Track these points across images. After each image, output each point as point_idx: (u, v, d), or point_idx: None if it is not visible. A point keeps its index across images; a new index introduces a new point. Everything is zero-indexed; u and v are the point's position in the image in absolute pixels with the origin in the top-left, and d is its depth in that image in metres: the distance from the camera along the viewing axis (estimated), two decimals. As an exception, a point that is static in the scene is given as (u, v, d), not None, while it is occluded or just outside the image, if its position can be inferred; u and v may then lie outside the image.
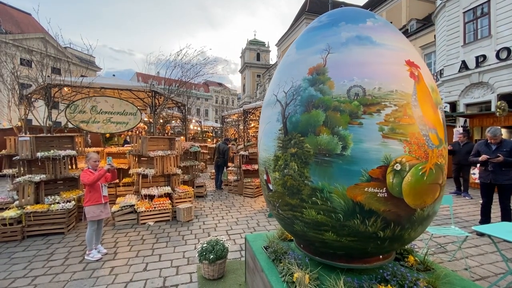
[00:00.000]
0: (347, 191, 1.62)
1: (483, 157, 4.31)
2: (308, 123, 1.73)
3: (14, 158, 4.97)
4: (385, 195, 1.59)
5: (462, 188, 7.46)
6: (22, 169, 4.78)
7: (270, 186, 2.08)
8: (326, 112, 1.67)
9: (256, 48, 54.07)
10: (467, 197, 7.13)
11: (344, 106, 1.63)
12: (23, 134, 5.35)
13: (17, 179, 4.59)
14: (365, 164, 1.57)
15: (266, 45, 55.43)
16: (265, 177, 2.14)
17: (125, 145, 8.55)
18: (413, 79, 1.68)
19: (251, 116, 11.61)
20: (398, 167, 1.57)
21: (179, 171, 6.16)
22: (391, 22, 2.45)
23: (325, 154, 1.66)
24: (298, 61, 1.97)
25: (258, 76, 52.10)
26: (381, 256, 1.98)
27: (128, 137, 10.89)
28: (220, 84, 59.67)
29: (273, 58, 53.97)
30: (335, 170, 1.63)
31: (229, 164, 9.47)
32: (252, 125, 13.96)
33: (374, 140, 1.57)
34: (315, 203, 1.74)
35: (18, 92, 5.90)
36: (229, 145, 10.65)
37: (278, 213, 2.09)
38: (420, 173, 1.60)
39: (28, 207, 4.47)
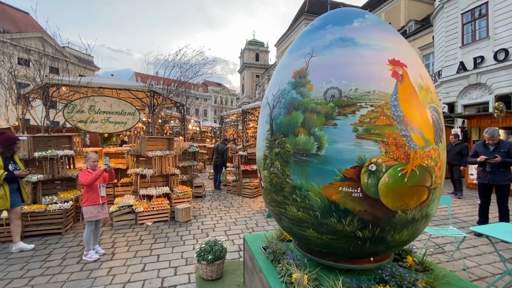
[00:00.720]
0: (322, 189, 1.67)
1: (481, 157, 4.33)
2: (289, 125, 1.82)
3: (11, 158, 4.93)
4: (360, 195, 1.60)
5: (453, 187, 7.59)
6: (19, 169, 4.75)
7: (262, 183, 2.19)
8: (304, 114, 1.74)
9: (255, 48, 54.09)
10: (458, 195, 7.26)
11: (320, 108, 1.69)
12: (21, 134, 5.32)
13: (15, 179, 4.55)
14: (339, 164, 1.61)
15: (265, 46, 55.47)
16: (259, 174, 2.27)
17: (123, 145, 8.50)
18: (396, 78, 1.67)
19: (250, 117, 11.62)
20: (373, 167, 1.57)
21: (177, 171, 6.15)
22: (390, 23, 2.43)
23: (303, 153, 1.73)
24: (287, 65, 2.04)
25: (257, 76, 52.11)
26: (378, 257, 1.98)
27: (126, 137, 10.87)
28: (219, 84, 59.65)
29: (272, 58, 54.04)
30: (311, 169, 1.69)
31: (228, 164, 9.46)
32: (251, 125, 13.96)
33: (348, 140, 1.60)
34: (295, 200, 1.81)
35: (15, 91, 5.87)
36: (228, 145, 10.65)
37: (270, 209, 2.22)
38: (400, 174, 1.58)
39: (26, 207, 4.44)
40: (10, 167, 3.95)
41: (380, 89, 1.63)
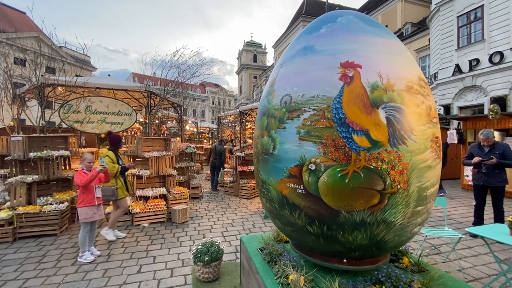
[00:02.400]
0: (277, 184, 1.92)
1: (476, 159, 4.37)
2: (260, 128, 2.11)
3: (6, 158, 4.88)
4: (303, 192, 1.75)
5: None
6: (14, 169, 4.71)
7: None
8: (268, 119, 2.01)
9: (253, 49, 54.16)
10: (441, 193, 7.43)
11: (276, 113, 1.92)
12: (16, 134, 5.27)
13: (9, 180, 4.51)
14: (286, 162, 1.82)
15: (263, 47, 55.56)
16: None
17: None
18: (344, 81, 1.70)
19: (248, 117, 11.61)
20: (312, 167, 1.69)
21: (174, 172, 6.12)
22: (387, 26, 2.44)
23: (265, 153, 2.01)
24: (271, 75, 2.26)
25: (255, 77, 52.15)
26: (374, 259, 1.98)
27: (123, 137, 10.78)
28: (216, 85, 59.58)
29: (269, 59, 54.15)
30: (270, 166, 1.97)
31: (225, 165, 9.44)
32: (248, 126, 13.95)
33: (293, 142, 1.78)
34: (263, 193, 2.12)
35: (11, 91, 5.82)
36: (226, 146, 10.67)
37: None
38: (339, 175, 1.63)
39: (20, 208, 4.39)
40: (120, 162, 4.55)
41: (324, 93, 1.71)
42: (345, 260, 1.92)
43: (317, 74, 1.78)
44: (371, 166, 1.59)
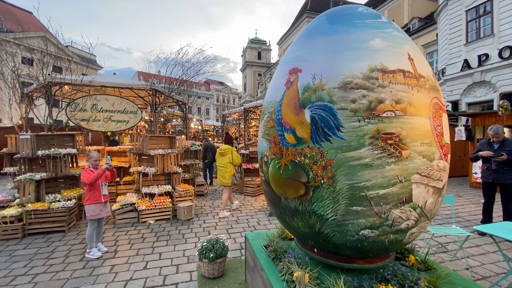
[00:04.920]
0: (259, 170, 2.47)
1: (487, 152, 4.27)
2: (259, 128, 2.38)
3: (15, 156, 4.97)
4: (264, 178, 2.20)
5: None
6: (23, 167, 4.79)
7: None
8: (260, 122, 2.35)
9: (257, 47, 53.90)
10: None
11: (262, 117, 2.25)
12: (24, 132, 5.35)
13: (18, 177, 4.59)
14: (259, 154, 2.26)
15: (267, 44, 55.25)
16: None
17: (111, 145, 8.28)
18: (286, 86, 1.93)
19: (252, 115, 11.58)
20: (265, 159, 2.11)
21: (179, 170, 6.15)
22: (393, 21, 2.40)
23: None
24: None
25: (259, 75, 51.95)
26: (379, 256, 1.96)
27: (116, 136, 10.76)
28: (221, 83, 59.63)
29: (274, 56, 53.83)
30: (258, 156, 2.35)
31: None
32: (253, 123, 13.94)
33: (260, 139, 2.23)
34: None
35: (19, 90, 5.90)
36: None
37: None
38: (277, 166, 1.95)
39: (29, 205, 4.48)
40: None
41: (275, 98, 2.02)
42: (315, 250, 2.07)
43: (276, 82, 2.09)
44: (296, 160, 1.79)
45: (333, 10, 2.02)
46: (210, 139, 13.69)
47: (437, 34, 15.25)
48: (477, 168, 8.13)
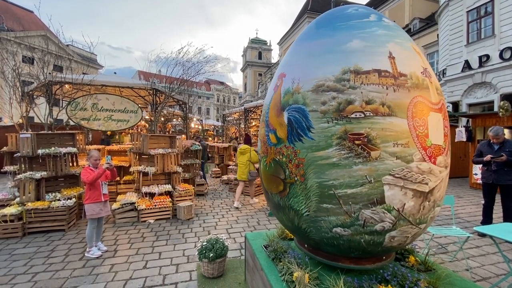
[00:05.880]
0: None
1: (487, 157, 4.28)
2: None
3: (15, 155, 4.97)
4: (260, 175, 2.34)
5: None
6: (23, 166, 4.79)
7: None
8: None
9: (258, 46, 53.88)
10: None
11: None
12: (25, 131, 5.36)
13: (18, 176, 4.59)
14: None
15: (268, 44, 55.23)
16: None
17: (102, 145, 8.23)
18: (274, 90, 2.07)
19: (252, 115, 11.59)
20: (260, 156, 2.29)
21: (179, 169, 6.15)
22: (394, 21, 2.42)
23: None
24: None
25: (260, 75, 51.93)
26: (378, 257, 1.96)
27: (104, 135, 10.70)
28: (221, 83, 59.62)
29: (274, 56, 53.81)
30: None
31: (230, 162, 9.47)
32: (253, 123, 13.94)
33: (258, 138, 2.37)
34: None
35: (19, 89, 5.90)
36: (230, 144, 10.86)
37: None
38: (265, 163, 2.12)
39: (29, 204, 4.48)
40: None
41: (267, 102, 2.17)
42: (305, 245, 2.17)
43: (270, 86, 2.21)
44: (277, 159, 1.95)
45: (324, 14, 2.10)
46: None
47: (438, 34, 15.23)
48: (477, 169, 8.12)
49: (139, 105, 7.49)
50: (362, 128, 1.59)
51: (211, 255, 3.01)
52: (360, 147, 1.59)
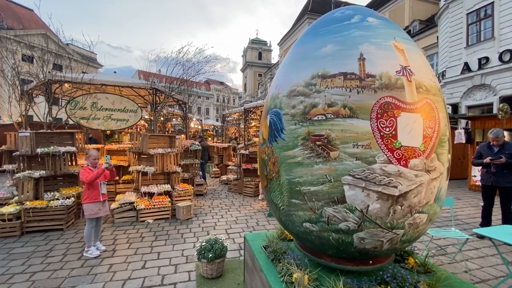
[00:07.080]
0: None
1: (487, 159, 4.29)
2: None
3: (14, 154, 4.96)
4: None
5: None
6: (22, 164, 4.77)
7: None
8: None
9: (258, 47, 53.90)
10: None
11: None
12: (24, 130, 5.34)
13: (17, 175, 4.58)
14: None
15: (268, 44, 55.26)
16: None
17: (90, 143, 8.11)
18: (268, 96, 2.25)
19: (252, 115, 11.57)
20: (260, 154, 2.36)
21: (179, 169, 6.15)
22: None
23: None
24: None
25: (260, 75, 51.94)
26: (378, 258, 1.96)
27: (90, 134, 10.57)
28: (221, 83, 59.58)
29: (274, 57, 53.83)
30: None
31: (229, 162, 9.46)
32: (253, 124, 13.93)
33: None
34: None
35: (19, 87, 5.88)
36: (229, 144, 10.85)
37: None
38: (260, 161, 2.32)
39: (28, 203, 4.46)
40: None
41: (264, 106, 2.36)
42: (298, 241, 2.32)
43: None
44: (262, 156, 2.17)
45: (318, 19, 2.16)
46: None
47: (437, 37, 15.27)
48: (476, 171, 8.13)
49: (139, 104, 7.47)
50: (323, 130, 1.67)
51: (210, 255, 3.00)
52: (320, 147, 1.68)
